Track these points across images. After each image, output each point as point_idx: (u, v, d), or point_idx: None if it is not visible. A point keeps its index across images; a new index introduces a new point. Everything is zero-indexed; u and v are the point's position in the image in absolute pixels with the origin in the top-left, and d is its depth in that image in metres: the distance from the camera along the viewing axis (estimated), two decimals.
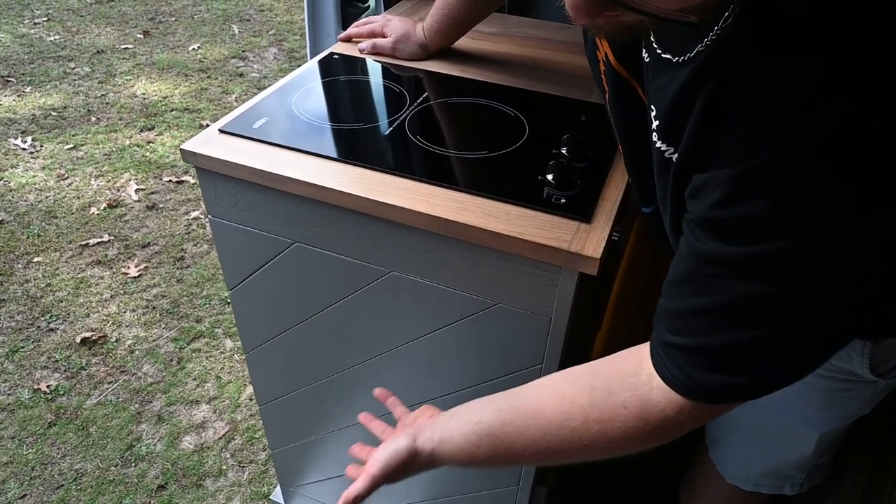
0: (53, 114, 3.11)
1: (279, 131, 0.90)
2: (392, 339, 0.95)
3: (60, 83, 3.32)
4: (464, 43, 1.19)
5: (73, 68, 3.44)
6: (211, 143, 0.88)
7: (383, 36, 1.15)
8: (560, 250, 0.74)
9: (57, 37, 3.69)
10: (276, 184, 0.84)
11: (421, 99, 1.00)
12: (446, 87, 1.05)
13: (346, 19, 1.41)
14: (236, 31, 4.00)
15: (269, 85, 1.04)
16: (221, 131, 0.91)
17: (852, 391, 0.81)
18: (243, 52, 3.78)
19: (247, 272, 0.97)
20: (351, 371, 1.03)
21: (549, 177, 0.82)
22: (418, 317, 0.90)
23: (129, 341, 2.13)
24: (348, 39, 1.19)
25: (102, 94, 3.27)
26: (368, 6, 1.43)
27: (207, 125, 3.28)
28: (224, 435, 1.88)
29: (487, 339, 0.87)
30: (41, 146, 2.92)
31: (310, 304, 0.97)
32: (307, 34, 1.43)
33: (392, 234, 0.83)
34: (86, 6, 4.04)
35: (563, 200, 0.80)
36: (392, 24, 1.15)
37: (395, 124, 0.94)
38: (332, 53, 1.13)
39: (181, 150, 0.87)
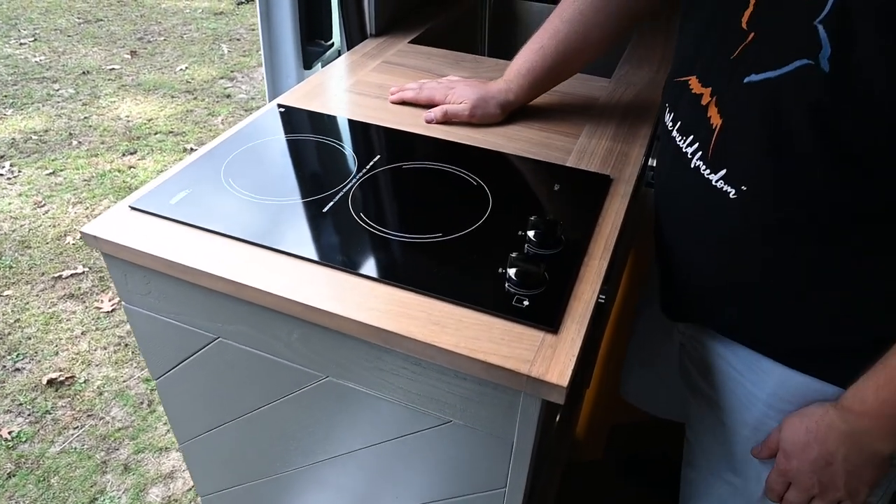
0: (34, 137, 2.96)
1: (200, 209, 0.75)
2: (335, 446, 0.80)
3: (43, 105, 3.17)
4: None
5: (58, 90, 3.29)
6: (119, 224, 0.73)
7: (444, 102, 0.97)
8: (518, 374, 0.58)
9: (42, 57, 3.54)
10: (190, 277, 0.69)
11: (371, 164, 0.85)
12: (402, 147, 0.90)
13: (308, 58, 1.26)
14: (225, 51, 3.85)
15: (258, 107, 0.89)
16: (133, 208, 0.75)
17: None
18: (232, 72, 3.63)
19: (170, 364, 0.82)
20: (297, 472, 0.87)
21: (511, 272, 0.67)
22: (361, 427, 0.75)
23: (99, 381, 1.98)
24: (402, 102, 1.01)
25: (86, 117, 3.12)
26: (332, 44, 1.28)
27: (192, 149, 3.14)
28: (193, 486, 1.73)
29: (441, 456, 0.72)
30: (19, 171, 2.77)
31: (242, 403, 0.82)
32: (265, 76, 1.27)
33: (324, 339, 0.68)
34: (74, 26, 3.89)
35: (525, 302, 0.65)
36: (460, 89, 0.97)
37: (338, 197, 0.78)
38: (278, 106, 0.97)
39: (82, 232, 0.72)
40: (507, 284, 0.67)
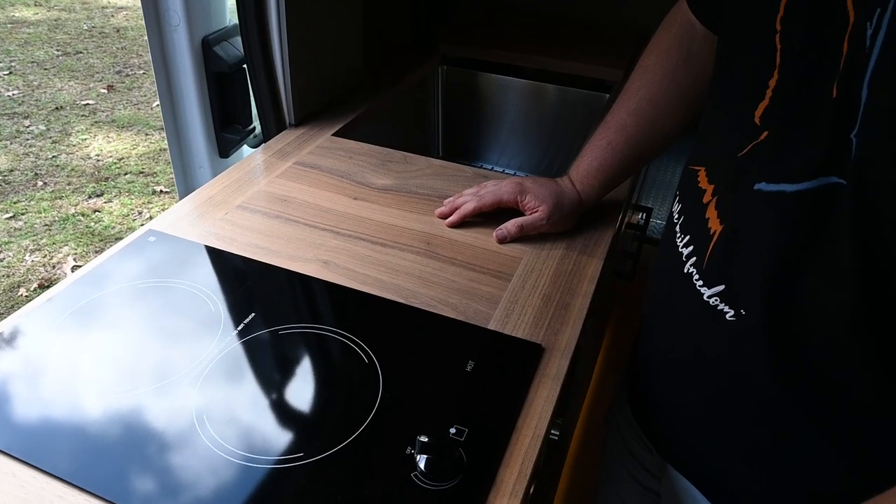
0: None
1: None
2: None
3: (11, 143, 2.98)
4: (337, 205, 0.84)
5: (28, 126, 3.10)
6: None
7: (516, 206, 0.81)
8: None
9: (16, 92, 3.34)
10: None
11: (240, 328, 0.65)
12: (286, 298, 0.70)
13: (224, 146, 1.06)
14: None
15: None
16: None
17: None
18: None
19: None
20: None
21: None
22: None
23: None
24: (462, 221, 0.82)
25: (54, 156, 2.93)
26: (252, 128, 1.08)
27: (162, 191, 2.94)
28: None
29: None
30: None
31: None
32: (174, 169, 1.08)
33: None
34: (52, 58, 3.69)
35: None
36: (532, 187, 0.81)
37: (179, 391, 0.58)
38: (150, 233, 0.77)
39: None
40: None
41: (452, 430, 0.56)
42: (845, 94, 0.43)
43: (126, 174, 2.88)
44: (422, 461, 0.52)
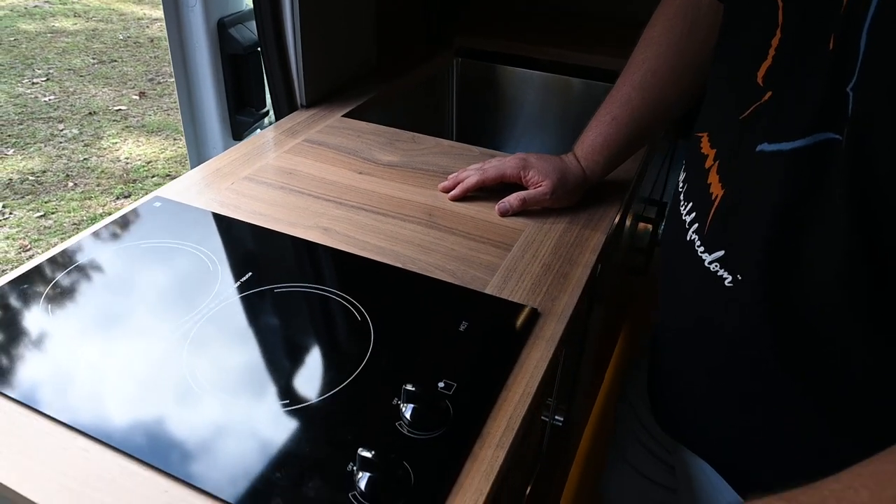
0: (31, 178, 2.84)
1: None
2: None
3: (45, 146, 3.07)
4: (342, 178, 0.84)
5: (62, 130, 3.19)
6: None
7: (519, 181, 0.81)
8: None
9: (52, 97, 3.45)
10: None
11: (237, 285, 0.65)
12: (285, 260, 0.71)
13: (238, 128, 1.08)
14: None
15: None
16: None
17: None
18: None
19: None
20: None
21: (360, 478, 0.46)
22: None
23: None
24: (464, 195, 0.83)
25: (85, 158, 3.01)
26: (266, 112, 1.10)
27: None
28: None
29: None
30: (11, 213, 2.64)
31: None
32: (188, 151, 1.10)
33: None
34: (88, 66, 3.81)
35: None
36: (536, 163, 0.81)
37: (172, 340, 0.59)
38: (156, 199, 0.79)
39: None
40: (355, 495, 0.46)
41: (441, 385, 0.55)
42: (843, 46, 0.42)
43: (153, 177, 2.94)
44: (407, 410, 0.52)
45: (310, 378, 0.56)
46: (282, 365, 0.57)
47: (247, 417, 0.52)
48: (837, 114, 0.42)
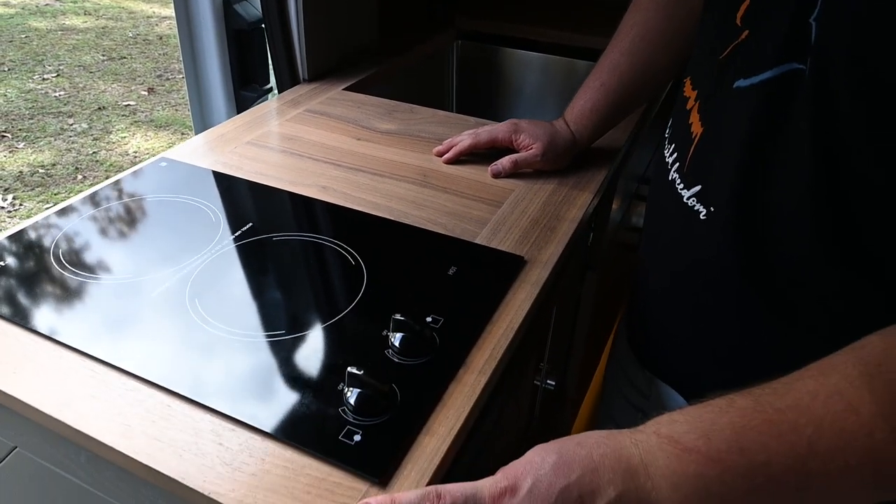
0: (41, 171, 2.90)
1: (5, 286, 0.60)
2: None
3: (55, 139, 3.12)
4: (341, 144, 0.88)
5: (72, 124, 3.25)
6: None
7: (511, 145, 0.85)
8: None
9: (62, 93, 3.52)
10: None
11: (238, 234, 0.69)
12: (283, 214, 0.74)
13: (242, 103, 1.12)
14: None
15: None
16: None
17: None
18: None
19: None
20: None
21: (348, 393, 0.50)
22: None
23: None
24: (457, 158, 0.86)
25: (94, 152, 3.06)
26: (269, 88, 1.14)
27: None
28: None
29: None
30: (21, 205, 2.70)
31: None
32: (194, 125, 1.14)
33: (110, 468, 0.51)
34: (98, 63, 3.88)
35: (357, 437, 0.47)
36: (527, 128, 0.84)
37: (176, 278, 0.62)
38: (161, 160, 0.83)
39: None
40: (343, 409, 0.49)
41: (429, 319, 0.58)
42: None
43: None
44: (396, 338, 0.55)
45: (305, 312, 0.59)
46: (278, 301, 0.61)
47: (244, 345, 0.55)
48: (801, 44, 0.45)
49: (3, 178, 2.83)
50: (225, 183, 0.78)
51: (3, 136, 3.11)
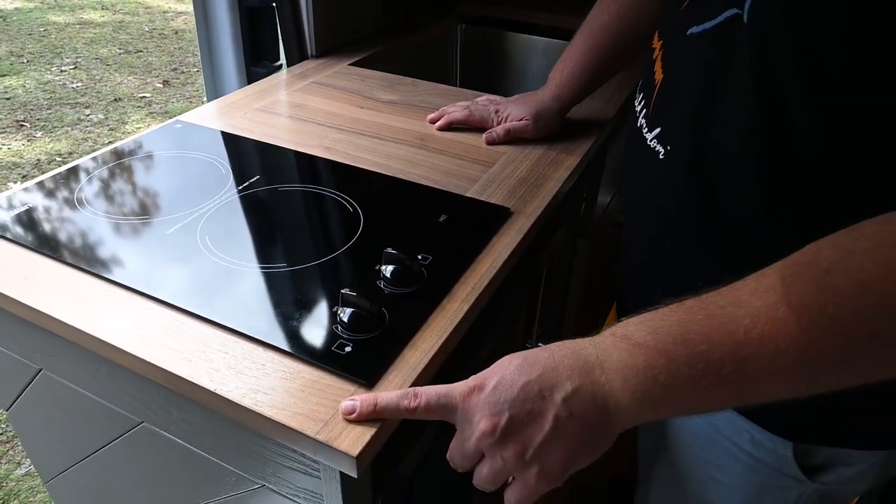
0: (58, 159, 2.99)
1: (30, 224, 0.67)
2: (176, 501, 0.69)
3: (72, 129, 3.22)
4: (345, 112, 0.94)
5: (88, 115, 3.35)
6: None
7: (503, 121, 0.91)
8: (305, 435, 0.47)
9: (79, 84, 3.62)
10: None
11: (245, 185, 0.75)
12: (288, 169, 0.80)
13: (253, 79, 1.18)
14: None
15: None
16: None
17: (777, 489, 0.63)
18: None
19: (11, 395, 0.73)
20: None
21: (342, 312, 0.56)
22: (183, 484, 0.64)
23: None
24: (448, 126, 0.93)
25: (109, 142, 3.15)
26: (280, 65, 1.20)
27: None
28: None
29: None
30: None
31: (84, 443, 0.72)
32: (207, 96, 1.20)
33: (128, 378, 0.57)
34: (114, 55, 3.98)
35: (348, 348, 0.53)
36: (511, 108, 0.91)
37: (190, 219, 0.69)
38: (175, 122, 0.89)
39: None
40: (337, 326, 0.55)
41: (419, 257, 0.64)
42: None
43: None
44: (387, 270, 0.61)
45: (305, 249, 0.65)
46: (282, 239, 0.67)
47: (248, 274, 0.61)
48: None
49: (22, 166, 2.92)
50: (234, 142, 0.85)
51: (22, 126, 3.21)
